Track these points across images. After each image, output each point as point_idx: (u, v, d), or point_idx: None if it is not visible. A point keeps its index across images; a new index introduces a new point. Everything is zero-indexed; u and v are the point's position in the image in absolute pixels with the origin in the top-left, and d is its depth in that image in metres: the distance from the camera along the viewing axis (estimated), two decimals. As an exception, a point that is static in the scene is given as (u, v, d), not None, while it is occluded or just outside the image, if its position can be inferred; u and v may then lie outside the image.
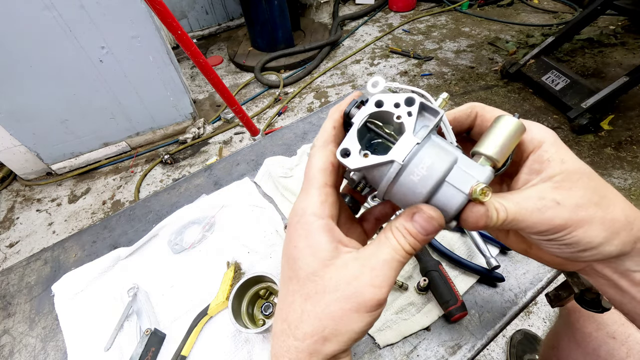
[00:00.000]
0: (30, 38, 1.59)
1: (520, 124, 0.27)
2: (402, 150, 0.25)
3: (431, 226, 0.26)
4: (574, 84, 2.00)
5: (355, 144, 0.26)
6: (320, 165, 0.28)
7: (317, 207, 0.27)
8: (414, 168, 0.26)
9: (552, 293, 0.74)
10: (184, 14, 3.13)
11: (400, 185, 0.26)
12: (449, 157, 0.26)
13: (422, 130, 0.26)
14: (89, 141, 2.09)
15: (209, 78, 1.33)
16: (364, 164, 0.26)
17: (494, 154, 0.27)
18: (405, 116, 0.26)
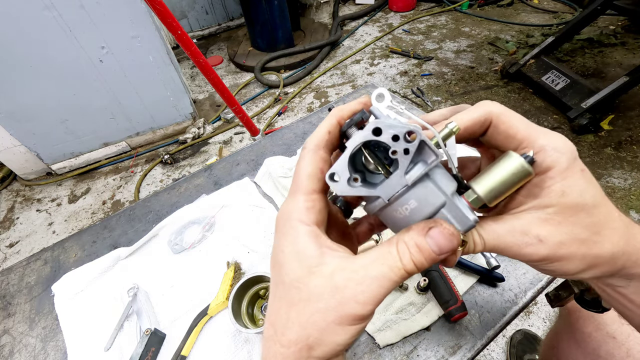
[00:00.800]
0: (30, 38, 1.59)
1: (524, 170, 0.25)
2: (390, 189, 0.25)
3: (450, 244, 0.24)
4: (574, 84, 2.00)
5: (345, 170, 0.25)
6: (309, 170, 0.27)
7: (303, 213, 0.26)
8: (398, 207, 0.26)
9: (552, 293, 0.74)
10: (184, 14, 3.14)
11: (384, 215, 0.27)
12: (436, 202, 0.25)
13: (418, 168, 0.25)
14: (89, 141, 2.09)
15: (209, 78, 1.33)
16: (351, 192, 0.25)
17: (485, 197, 0.26)
18: (401, 153, 0.24)
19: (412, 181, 0.24)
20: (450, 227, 0.24)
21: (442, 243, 0.24)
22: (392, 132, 0.24)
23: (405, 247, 0.24)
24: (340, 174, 0.25)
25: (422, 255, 0.24)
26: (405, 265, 0.24)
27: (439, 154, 0.25)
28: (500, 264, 0.56)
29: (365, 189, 0.25)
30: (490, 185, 0.26)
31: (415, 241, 0.24)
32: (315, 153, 0.27)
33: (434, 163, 0.25)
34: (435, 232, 0.24)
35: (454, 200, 0.25)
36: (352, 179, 0.25)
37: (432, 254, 0.24)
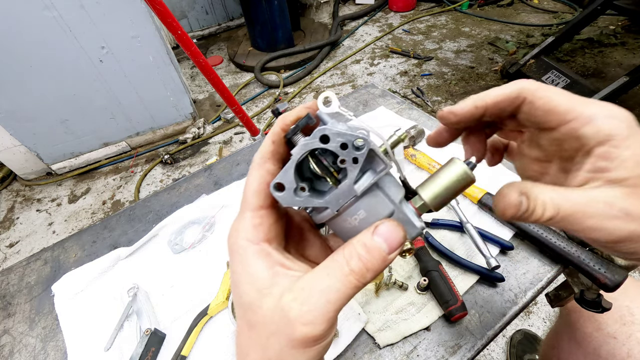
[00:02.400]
0: (30, 38, 1.59)
1: (467, 176, 0.26)
2: (338, 199, 0.24)
3: (398, 239, 0.23)
4: (574, 84, 2.00)
5: (290, 180, 0.24)
6: (254, 186, 0.25)
7: (250, 232, 0.25)
8: (347, 217, 0.25)
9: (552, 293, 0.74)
10: (184, 14, 3.14)
11: (333, 225, 0.26)
12: (385, 211, 0.25)
13: (367, 177, 0.24)
14: (89, 141, 2.09)
15: (209, 78, 1.33)
16: (297, 204, 0.24)
17: (431, 203, 0.26)
18: (350, 162, 0.23)
19: (361, 191, 0.24)
20: (397, 223, 0.24)
21: (391, 238, 0.23)
22: (341, 140, 0.23)
23: (353, 250, 0.23)
24: (286, 184, 0.24)
25: (372, 256, 0.23)
26: (353, 270, 0.22)
27: (388, 162, 0.24)
28: (500, 264, 0.56)
29: (313, 199, 0.24)
30: (436, 192, 0.26)
31: (363, 242, 0.23)
32: (261, 167, 0.26)
33: (383, 172, 0.24)
34: (383, 229, 0.23)
35: (402, 208, 0.25)
36: (299, 188, 0.24)
37: (382, 253, 0.23)
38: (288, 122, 0.26)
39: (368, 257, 0.23)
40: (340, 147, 0.23)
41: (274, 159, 0.26)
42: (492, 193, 0.66)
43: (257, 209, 0.25)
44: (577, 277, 0.55)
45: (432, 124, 0.87)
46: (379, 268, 0.23)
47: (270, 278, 0.23)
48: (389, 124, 0.88)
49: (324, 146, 0.23)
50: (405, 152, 0.77)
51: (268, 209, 0.26)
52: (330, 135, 0.23)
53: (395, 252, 0.23)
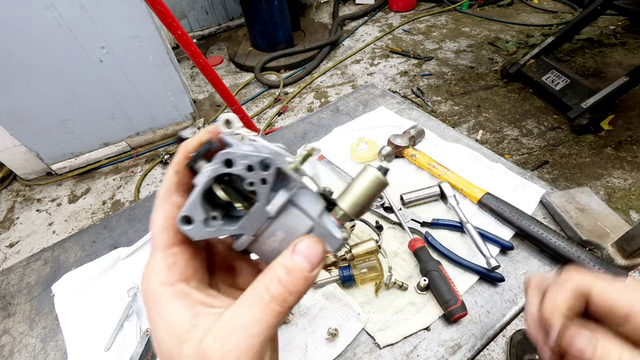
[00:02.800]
0: (30, 38, 1.59)
1: (380, 181, 0.26)
2: (253, 223, 0.23)
3: (318, 254, 0.22)
4: (574, 84, 2.00)
5: (198, 211, 0.23)
6: (161, 223, 0.23)
7: (164, 274, 0.23)
8: (265, 240, 0.24)
9: (552, 293, 0.73)
10: (184, 14, 3.14)
11: (254, 250, 0.25)
12: (304, 228, 0.24)
13: (280, 196, 0.23)
14: (89, 141, 2.09)
15: (209, 78, 1.33)
16: (209, 235, 0.23)
17: (350, 211, 0.26)
18: (259, 183, 0.23)
19: (275, 212, 0.23)
20: (316, 238, 0.23)
21: (311, 255, 0.22)
22: (246, 162, 0.22)
23: (273, 274, 0.22)
24: (193, 216, 0.23)
25: (293, 277, 0.22)
26: (274, 297, 0.21)
27: (299, 178, 0.24)
28: (500, 264, 0.56)
29: (227, 227, 0.23)
30: (353, 200, 0.26)
31: (283, 263, 0.22)
32: (165, 201, 0.24)
33: (294, 189, 0.24)
34: (302, 246, 0.23)
35: (321, 222, 0.25)
36: (210, 218, 0.23)
37: (304, 271, 0.22)
38: (190, 149, 0.24)
39: (289, 279, 0.22)
40: (246, 169, 0.22)
41: (180, 191, 0.24)
42: (492, 193, 0.66)
43: (168, 247, 0.23)
44: (577, 277, 0.55)
45: (432, 124, 0.87)
46: (303, 288, 0.22)
47: (190, 321, 0.22)
48: (389, 124, 0.88)
49: (229, 170, 0.22)
50: (405, 152, 0.77)
51: (181, 245, 0.24)
52: (234, 159, 0.22)
53: (317, 268, 0.23)
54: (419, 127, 0.81)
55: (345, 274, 0.57)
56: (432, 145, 0.81)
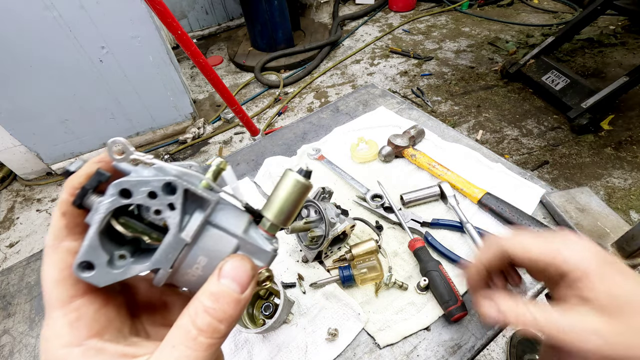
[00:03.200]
0: (30, 38, 1.59)
1: (301, 184, 0.25)
2: (167, 255, 0.21)
3: (247, 273, 0.21)
4: (574, 84, 2.00)
5: (97, 253, 0.20)
6: (54, 276, 0.20)
7: (67, 335, 0.19)
8: (187, 270, 0.22)
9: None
10: (184, 14, 3.14)
11: (178, 282, 0.23)
12: (228, 248, 0.22)
13: (195, 219, 0.21)
14: (89, 141, 2.09)
15: (209, 78, 1.33)
16: (119, 278, 0.20)
17: (277, 221, 0.25)
18: (167, 210, 0.20)
19: (190, 237, 0.21)
20: (242, 255, 0.22)
21: (239, 275, 0.20)
22: (147, 189, 0.20)
23: (198, 305, 0.19)
24: (94, 260, 0.20)
25: (221, 303, 0.20)
26: (202, 330, 0.19)
27: (214, 196, 0.21)
28: (500, 264, 0.56)
29: (138, 265, 0.21)
30: (278, 208, 0.25)
31: (210, 291, 0.20)
32: (55, 250, 0.20)
33: (209, 209, 0.21)
34: (228, 268, 0.20)
35: (247, 237, 0.23)
36: (117, 257, 0.21)
37: (234, 294, 0.20)
38: (77, 184, 0.21)
39: (217, 306, 0.19)
40: (148, 196, 0.20)
41: (73, 234, 0.21)
42: (492, 193, 0.66)
43: (67, 302, 0.20)
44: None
45: (432, 124, 0.87)
46: (235, 313, 0.20)
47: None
48: (389, 124, 0.88)
49: (128, 201, 0.20)
50: (405, 152, 0.77)
51: (85, 295, 0.20)
52: (131, 187, 0.20)
53: (248, 288, 0.21)
54: (419, 127, 0.81)
55: (345, 274, 0.57)
56: (432, 145, 0.81)
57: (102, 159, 0.22)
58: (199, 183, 0.22)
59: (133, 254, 0.22)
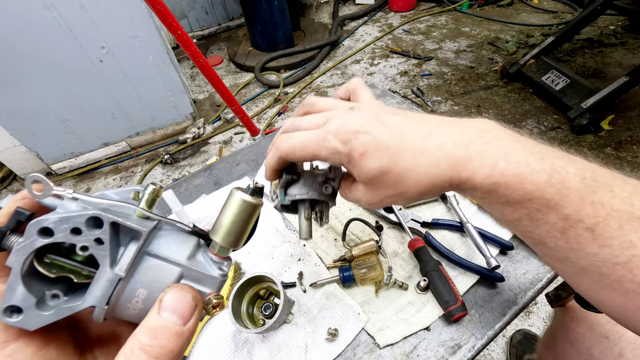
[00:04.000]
0: (30, 38, 1.59)
1: (246, 205, 0.24)
2: (102, 291, 0.20)
3: (189, 304, 0.20)
4: (574, 84, 2.00)
5: (23, 297, 0.19)
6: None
7: None
8: (126, 304, 0.21)
9: (552, 293, 0.74)
10: (184, 14, 3.14)
11: (119, 317, 0.22)
12: (170, 277, 0.21)
13: (129, 251, 0.20)
14: (89, 141, 2.09)
15: (209, 78, 1.33)
16: (51, 319, 0.19)
17: (225, 243, 0.24)
18: (94, 245, 0.19)
19: (124, 271, 0.20)
20: (182, 285, 0.21)
21: (180, 307, 0.19)
22: (69, 226, 0.19)
23: (135, 343, 0.18)
24: (20, 304, 0.19)
25: (160, 339, 0.18)
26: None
27: (144, 226, 0.21)
28: (500, 264, 0.56)
29: (71, 304, 0.20)
30: (225, 230, 0.24)
31: (148, 326, 0.19)
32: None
33: (142, 240, 0.21)
34: (167, 300, 0.20)
35: (191, 264, 0.22)
36: (49, 297, 0.20)
37: (175, 328, 0.19)
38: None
39: (154, 342, 0.18)
40: (71, 233, 0.19)
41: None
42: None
43: (0, 348, 0.19)
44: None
45: (432, 124, 0.87)
46: (176, 348, 0.19)
47: None
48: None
49: (50, 240, 0.19)
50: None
51: (19, 339, 0.19)
52: (52, 225, 0.19)
53: (192, 319, 0.20)
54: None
55: (345, 274, 0.57)
56: (432, 145, 0.81)
57: (24, 195, 0.21)
58: (133, 213, 0.21)
59: (68, 291, 0.21)
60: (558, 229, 0.28)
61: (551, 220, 0.28)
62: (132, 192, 0.23)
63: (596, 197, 0.26)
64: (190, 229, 0.24)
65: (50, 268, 0.20)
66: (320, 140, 0.32)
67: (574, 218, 0.27)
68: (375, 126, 0.31)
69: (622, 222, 0.26)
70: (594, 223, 0.26)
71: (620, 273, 0.26)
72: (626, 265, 0.26)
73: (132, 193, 0.23)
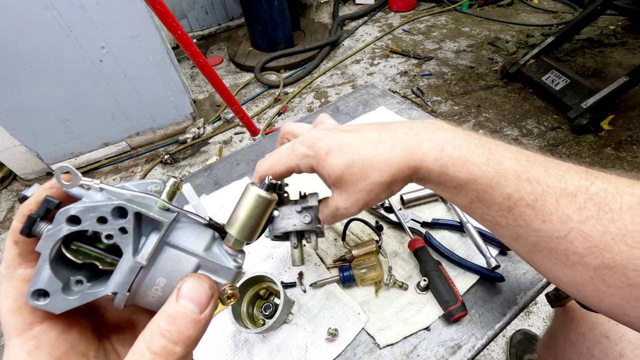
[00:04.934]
0: (30, 38, 1.59)
1: (261, 199, 0.25)
2: (124, 279, 0.21)
3: (207, 292, 0.21)
4: (574, 84, 2.00)
5: (50, 281, 0.20)
6: (9, 305, 0.20)
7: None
8: (146, 291, 0.22)
9: (552, 293, 0.74)
10: (184, 14, 3.14)
11: (139, 304, 0.23)
12: (188, 267, 0.22)
13: (150, 241, 0.21)
14: (89, 141, 2.09)
15: (209, 78, 1.33)
16: (75, 304, 0.20)
17: (240, 237, 0.25)
18: (119, 234, 0.20)
19: (146, 260, 0.21)
20: (199, 275, 0.21)
21: (197, 296, 0.20)
22: (95, 215, 0.20)
23: (154, 328, 0.19)
24: (47, 287, 0.20)
25: (178, 325, 0.19)
26: (157, 354, 0.18)
27: (168, 217, 0.21)
28: (500, 264, 0.56)
29: (95, 289, 0.21)
30: (241, 224, 0.25)
31: (167, 312, 0.20)
32: (9, 278, 0.20)
33: (163, 230, 0.21)
34: (186, 288, 0.20)
35: (208, 255, 0.23)
36: (74, 282, 0.21)
37: (192, 315, 0.20)
38: (27, 212, 0.21)
39: (173, 328, 0.19)
40: (98, 222, 0.20)
41: (27, 262, 0.21)
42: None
43: (25, 330, 0.20)
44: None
45: (432, 124, 0.87)
46: (193, 334, 0.20)
47: None
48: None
49: (78, 228, 0.20)
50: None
51: (44, 322, 0.20)
52: (80, 214, 0.20)
53: (208, 308, 0.21)
54: (419, 127, 0.81)
55: (345, 274, 0.57)
56: (432, 145, 0.81)
57: (53, 184, 0.22)
58: (155, 204, 0.22)
59: (91, 278, 0.22)
60: (504, 208, 0.30)
61: (497, 199, 0.30)
62: (151, 184, 0.24)
63: (532, 176, 0.29)
64: (206, 221, 0.25)
65: (77, 254, 0.21)
66: (290, 151, 0.36)
67: (516, 197, 0.29)
68: (335, 132, 0.35)
69: (558, 197, 0.28)
70: (533, 200, 0.29)
71: (564, 246, 0.28)
72: (566, 237, 0.27)
73: (150, 186, 0.24)
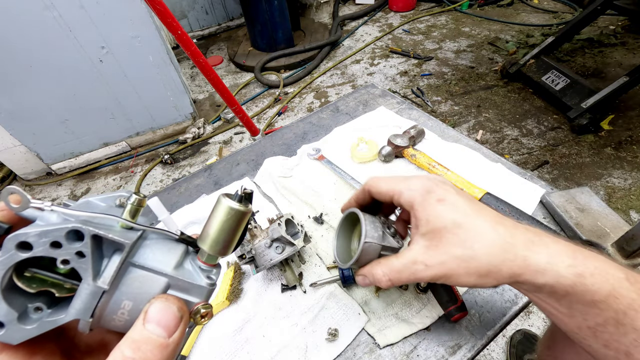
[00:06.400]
0: (30, 38, 1.59)
1: (234, 212, 0.23)
2: (85, 304, 0.19)
3: (175, 315, 0.20)
4: (574, 84, 2.00)
5: (6, 311, 0.18)
6: None
7: None
8: (112, 316, 0.21)
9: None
10: (184, 14, 3.14)
11: (105, 327, 0.21)
12: (156, 288, 0.21)
13: (113, 263, 0.20)
14: (89, 141, 2.09)
15: (209, 78, 1.33)
16: (33, 334, 0.19)
17: (213, 251, 0.23)
18: (76, 259, 0.19)
19: (108, 284, 0.19)
20: (167, 296, 0.20)
21: (164, 319, 0.19)
22: (48, 240, 0.18)
23: (118, 355, 0.18)
24: (3, 317, 0.18)
25: (145, 351, 0.18)
26: None
27: (127, 238, 0.20)
28: (500, 264, 0.56)
29: (54, 317, 0.19)
30: (214, 239, 0.23)
31: (132, 338, 0.19)
32: None
33: (125, 251, 0.20)
34: (152, 311, 0.19)
35: (178, 274, 0.22)
36: (32, 310, 0.19)
37: (159, 339, 0.19)
38: None
39: (137, 355, 0.18)
40: (51, 246, 0.18)
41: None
42: (492, 193, 0.66)
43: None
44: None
45: (432, 124, 0.87)
46: (163, 358, 0.19)
47: None
48: (389, 124, 0.88)
49: (29, 255, 0.18)
50: (405, 152, 0.77)
51: (3, 352, 0.19)
52: (31, 239, 0.18)
53: (177, 331, 0.20)
54: (419, 127, 0.81)
55: (345, 274, 0.57)
56: (432, 145, 0.81)
57: (2, 207, 0.20)
58: (117, 224, 0.21)
59: (52, 303, 0.20)
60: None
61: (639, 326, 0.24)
62: (118, 198, 0.22)
63: None
64: (177, 236, 0.23)
65: (30, 282, 0.19)
66: (403, 179, 0.35)
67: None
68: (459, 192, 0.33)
69: None
70: None
71: None
72: None
73: (118, 199, 0.22)
